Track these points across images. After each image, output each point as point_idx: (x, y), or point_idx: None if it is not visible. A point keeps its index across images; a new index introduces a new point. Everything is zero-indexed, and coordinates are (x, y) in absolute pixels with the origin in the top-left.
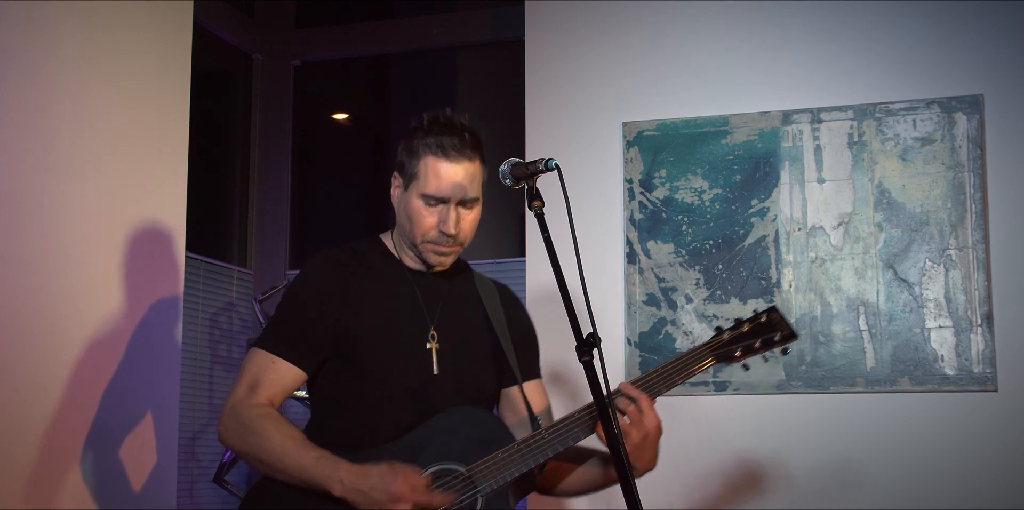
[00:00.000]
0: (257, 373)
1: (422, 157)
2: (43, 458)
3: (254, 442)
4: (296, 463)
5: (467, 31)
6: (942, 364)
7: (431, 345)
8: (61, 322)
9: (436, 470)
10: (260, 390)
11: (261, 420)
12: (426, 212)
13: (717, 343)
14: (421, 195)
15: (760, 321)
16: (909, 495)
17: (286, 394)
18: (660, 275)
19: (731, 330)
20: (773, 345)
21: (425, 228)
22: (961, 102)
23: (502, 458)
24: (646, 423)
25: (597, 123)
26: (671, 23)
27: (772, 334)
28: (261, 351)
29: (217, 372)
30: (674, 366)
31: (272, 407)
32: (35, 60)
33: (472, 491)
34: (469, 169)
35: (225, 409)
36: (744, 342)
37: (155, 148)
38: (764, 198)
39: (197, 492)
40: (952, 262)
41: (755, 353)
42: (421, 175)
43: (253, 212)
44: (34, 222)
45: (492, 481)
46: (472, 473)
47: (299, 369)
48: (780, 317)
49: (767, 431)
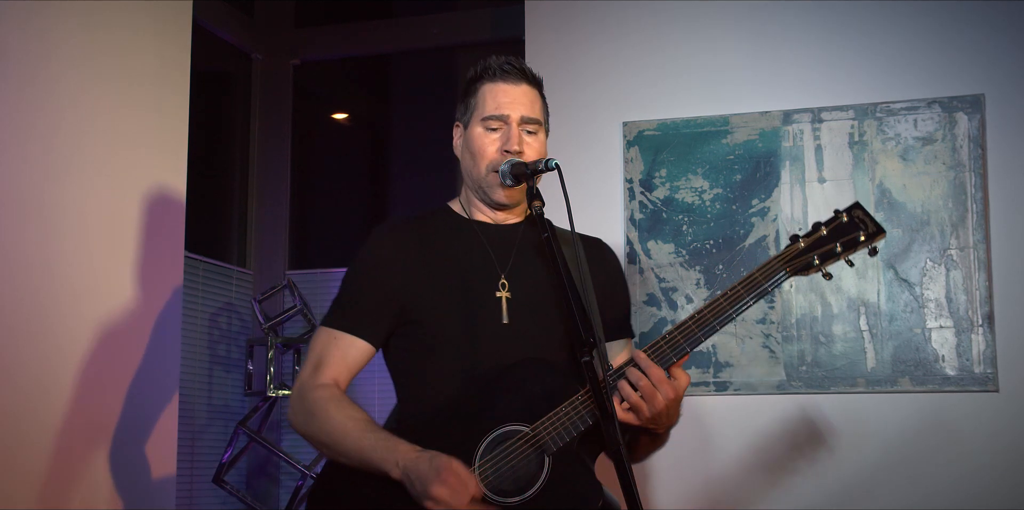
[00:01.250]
0: (321, 351)
1: (480, 87)
2: (42, 458)
3: (316, 425)
4: (356, 445)
5: (467, 30)
6: (943, 364)
7: (501, 294)
8: (61, 322)
9: (500, 433)
10: (325, 369)
11: (324, 402)
12: (487, 139)
13: (792, 253)
14: (481, 120)
15: (841, 221)
16: (910, 495)
17: (352, 370)
18: (660, 275)
19: (806, 237)
20: (858, 245)
21: (489, 154)
22: (962, 102)
23: (565, 412)
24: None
25: (597, 123)
26: (672, 22)
27: (855, 233)
28: (324, 328)
29: (216, 372)
30: (744, 286)
31: (337, 387)
32: (34, 60)
33: (537, 452)
34: (528, 93)
35: (292, 392)
36: (823, 248)
37: (154, 148)
38: (765, 198)
39: (196, 493)
40: (953, 262)
41: (837, 258)
42: (480, 103)
43: (252, 212)
44: (34, 222)
45: (557, 439)
46: (536, 433)
47: (363, 341)
48: (863, 213)
49: (768, 431)
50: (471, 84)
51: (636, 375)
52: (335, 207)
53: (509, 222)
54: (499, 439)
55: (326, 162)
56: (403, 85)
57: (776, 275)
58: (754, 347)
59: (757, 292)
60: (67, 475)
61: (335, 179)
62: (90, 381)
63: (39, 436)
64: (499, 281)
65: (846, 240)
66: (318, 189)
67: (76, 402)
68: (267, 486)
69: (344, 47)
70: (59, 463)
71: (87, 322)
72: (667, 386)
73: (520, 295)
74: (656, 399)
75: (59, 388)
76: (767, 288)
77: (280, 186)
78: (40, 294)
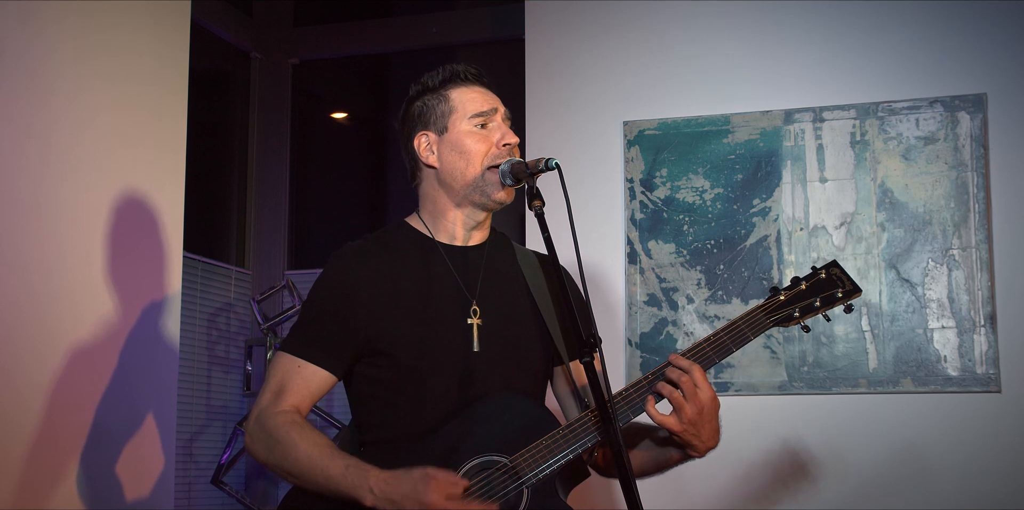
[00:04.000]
0: (282, 378)
1: (449, 92)
2: (41, 459)
3: (280, 452)
4: (324, 473)
5: (467, 29)
6: (945, 365)
7: (472, 321)
8: (58, 322)
9: (477, 463)
10: (286, 396)
11: (286, 428)
12: (479, 135)
13: (773, 304)
14: (469, 118)
15: (819, 277)
16: (912, 496)
17: (314, 399)
18: (661, 275)
19: (787, 290)
20: (835, 302)
21: (486, 149)
22: (964, 101)
23: (546, 446)
24: (700, 396)
25: (598, 122)
26: (672, 21)
27: (833, 290)
28: (286, 355)
29: (215, 373)
30: (727, 334)
31: (299, 414)
32: (32, 59)
33: (516, 483)
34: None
35: (251, 418)
36: (803, 302)
37: (153, 147)
38: (766, 198)
39: (195, 494)
40: (955, 262)
41: (815, 312)
42: (458, 104)
43: (251, 212)
44: (31, 222)
45: (536, 471)
46: (515, 464)
47: (326, 372)
48: (841, 271)
49: (769, 432)
50: (435, 91)
51: (677, 373)
52: (334, 207)
53: (472, 243)
54: (476, 469)
55: (325, 161)
56: (402, 84)
57: (759, 325)
58: (755, 347)
59: (740, 340)
60: (65, 476)
61: (334, 179)
62: (88, 381)
63: (35, 435)
64: (470, 307)
65: (825, 296)
66: (317, 189)
67: (74, 402)
68: (266, 487)
69: (343, 46)
70: (57, 464)
71: (85, 322)
72: (707, 384)
73: (491, 322)
74: (697, 397)
75: (57, 388)
76: (750, 338)
77: (279, 186)
78: (38, 294)
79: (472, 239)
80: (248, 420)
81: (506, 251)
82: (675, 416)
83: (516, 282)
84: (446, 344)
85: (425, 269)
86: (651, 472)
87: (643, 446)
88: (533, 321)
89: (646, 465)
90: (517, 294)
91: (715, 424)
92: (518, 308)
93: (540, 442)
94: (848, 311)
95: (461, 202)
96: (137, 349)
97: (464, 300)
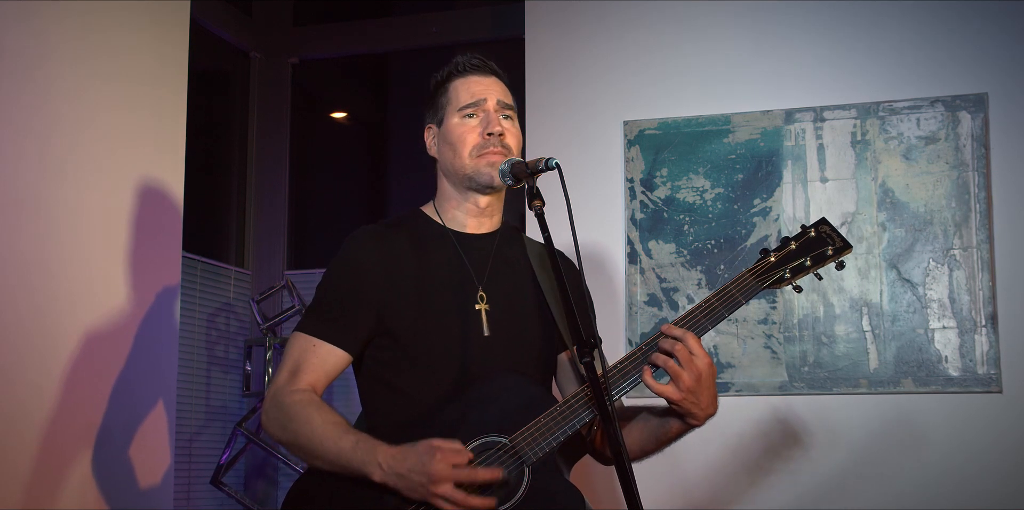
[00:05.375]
0: (298, 358)
1: (449, 85)
2: (40, 459)
3: (293, 429)
4: (335, 448)
5: (467, 29)
6: (946, 365)
7: (480, 306)
8: (58, 322)
9: (478, 444)
10: (301, 375)
11: (301, 406)
12: (466, 126)
13: (763, 267)
14: (458, 111)
15: (808, 236)
16: (913, 497)
17: (329, 378)
18: (661, 275)
19: (777, 251)
20: (826, 260)
21: (471, 139)
22: (965, 100)
23: (544, 423)
24: (696, 363)
25: (598, 122)
26: (672, 21)
27: (823, 248)
28: (301, 335)
29: (214, 373)
30: (718, 300)
31: (314, 392)
32: (32, 59)
33: (516, 463)
34: (498, 83)
35: (267, 397)
36: (793, 262)
37: (152, 147)
38: (766, 198)
39: (195, 494)
40: (956, 262)
41: (807, 272)
42: (453, 97)
43: (250, 211)
44: (31, 222)
45: (535, 450)
46: (515, 443)
47: (341, 350)
48: (830, 228)
49: (769, 432)
50: (439, 86)
51: (670, 343)
52: (334, 207)
53: (483, 231)
54: (477, 450)
55: (325, 161)
56: (402, 84)
57: (750, 288)
58: (756, 348)
59: (731, 304)
60: (64, 476)
61: (334, 178)
62: (87, 381)
63: (35, 436)
64: (477, 293)
65: (815, 254)
66: (317, 188)
67: (73, 402)
68: (265, 487)
69: (343, 46)
70: (56, 464)
71: (84, 322)
72: (703, 351)
73: (498, 308)
74: (693, 364)
75: (56, 388)
76: (741, 302)
77: (278, 185)
78: (37, 294)
79: (482, 227)
80: (264, 399)
81: (516, 242)
82: (673, 385)
83: (524, 272)
84: (451, 328)
85: (435, 254)
86: (651, 450)
87: (641, 419)
88: (538, 310)
89: (646, 442)
90: (524, 283)
91: (713, 390)
92: (524, 296)
93: (538, 420)
94: (840, 268)
95: (461, 190)
96: (137, 349)
97: (471, 286)
